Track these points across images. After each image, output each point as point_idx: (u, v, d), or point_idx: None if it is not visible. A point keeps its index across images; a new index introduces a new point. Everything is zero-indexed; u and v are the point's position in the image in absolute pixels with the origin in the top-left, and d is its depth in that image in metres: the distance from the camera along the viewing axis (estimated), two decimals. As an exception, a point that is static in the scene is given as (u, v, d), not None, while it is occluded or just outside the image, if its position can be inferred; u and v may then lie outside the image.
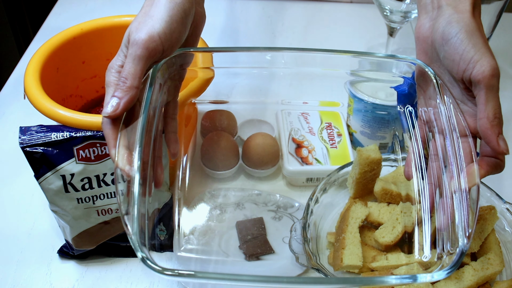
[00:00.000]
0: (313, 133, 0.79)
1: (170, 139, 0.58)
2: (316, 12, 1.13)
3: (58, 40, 0.72)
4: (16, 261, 0.66)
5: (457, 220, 0.48)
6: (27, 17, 1.49)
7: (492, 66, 0.49)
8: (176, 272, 0.44)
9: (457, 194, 0.49)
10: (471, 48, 0.50)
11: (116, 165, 0.48)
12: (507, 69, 0.97)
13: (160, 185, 0.55)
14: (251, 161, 0.75)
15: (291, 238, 0.62)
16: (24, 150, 0.57)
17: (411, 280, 0.45)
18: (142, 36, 0.50)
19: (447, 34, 0.51)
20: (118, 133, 0.49)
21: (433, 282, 0.58)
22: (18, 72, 0.95)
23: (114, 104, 0.49)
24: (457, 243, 0.47)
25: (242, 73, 0.69)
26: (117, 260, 0.66)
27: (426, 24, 0.54)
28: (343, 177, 0.69)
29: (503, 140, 0.49)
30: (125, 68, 0.50)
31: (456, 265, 0.45)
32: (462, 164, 0.50)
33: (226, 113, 0.79)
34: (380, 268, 0.60)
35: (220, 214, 0.70)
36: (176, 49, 0.55)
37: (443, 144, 0.53)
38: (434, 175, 0.55)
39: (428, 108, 0.56)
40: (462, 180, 0.49)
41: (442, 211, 0.52)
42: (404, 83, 0.61)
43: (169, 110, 0.58)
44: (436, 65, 0.55)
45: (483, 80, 0.49)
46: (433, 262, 0.55)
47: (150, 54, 0.50)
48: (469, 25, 0.51)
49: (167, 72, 0.56)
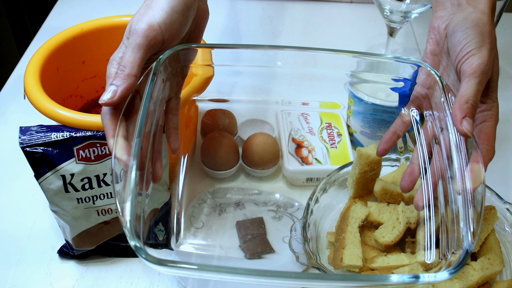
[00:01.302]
0: (313, 133, 0.79)
1: (170, 134, 0.57)
2: (316, 12, 1.13)
3: (58, 40, 0.72)
4: (16, 261, 0.66)
5: (461, 219, 0.47)
6: (27, 17, 1.49)
7: (482, 61, 0.50)
8: (172, 263, 0.42)
9: (461, 193, 0.48)
10: (473, 43, 0.51)
11: (114, 155, 0.47)
12: (507, 69, 0.97)
13: (158, 180, 0.54)
14: (251, 161, 0.75)
15: (291, 237, 0.62)
16: (24, 150, 0.56)
17: (413, 279, 0.43)
18: (142, 26, 0.50)
19: (458, 27, 0.53)
20: (117, 124, 0.49)
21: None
22: (18, 72, 0.95)
23: (111, 91, 0.49)
24: (462, 242, 0.45)
25: (243, 72, 0.69)
26: (117, 260, 0.66)
27: (444, 17, 0.55)
28: (343, 177, 0.69)
29: (468, 122, 0.49)
30: (124, 57, 0.50)
31: (460, 265, 0.44)
32: (466, 163, 0.49)
33: (227, 113, 0.79)
34: (380, 269, 0.60)
35: (220, 214, 0.70)
36: (177, 40, 0.54)
37: (447, 144, 0.53)
38: (437, 174, 0.55)
39: (433, 112, 0.56)
40: (467, 179, 0.48)
41: (446, 212, 0.52)
42: (406, 85, 0.61)
43: (171, 106, 0.58)
44: (444, 56, 0.56)
45: (466, 71, 0.50)
46: (436, 262, 0.55)
47: (150, 43, 0.50)
48: (482, 26, 0.52)
49: (170, 68, 0.56)
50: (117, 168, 0.47)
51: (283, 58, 0.61)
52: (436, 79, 0.55)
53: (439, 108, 0.55)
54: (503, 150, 0.82)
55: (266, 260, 0.65)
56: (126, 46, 0.51)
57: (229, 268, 0.43)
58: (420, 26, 1.09)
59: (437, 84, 0.55)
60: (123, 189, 0.45)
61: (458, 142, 0.50)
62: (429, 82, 0.57)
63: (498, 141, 0.53)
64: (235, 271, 0.43)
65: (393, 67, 0.60)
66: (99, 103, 0.49)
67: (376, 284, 0.45)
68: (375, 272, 0.60)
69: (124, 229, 0.43)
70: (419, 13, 0.84)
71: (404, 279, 0.43)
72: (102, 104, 0.49)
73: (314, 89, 0.76)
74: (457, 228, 0.48)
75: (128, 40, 0.51)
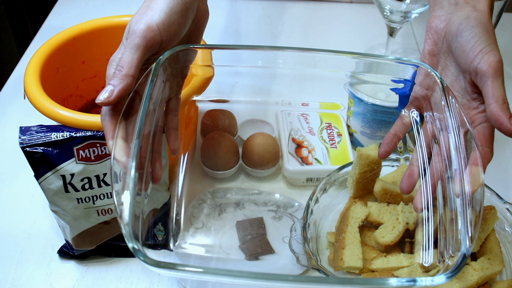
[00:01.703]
0: (313, 133, 0.79)
1: (170, 135, 0.57)
2: (316, 12, 1.13)
3: (58, 40, 0.72)
4: (16, 261, 0.66)
5: (460, 222, 0.47)
6: (27, 17, 1.49)
7: (499, 59, 0.50)
8: (169, 265, 0.42)
9: (459, 196, 0.48)
10: (483, 41, 0.51)
11: (113, 156, 0.47)
12: (507, 69, 0.97)
13: (157, 181, 0.54)
14: (251, 161, 0.75)
15: (291, 238, 0.62)
16: (24, 150, 0.56)
17: (411, 283, 0.44)
18: (140, 26, 0.50)
19: (463, 26, 0.53)
20: (117, 125, 0.49)
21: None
22: (18, 72, 0.95)
23: (108, 91, 0.49)
24: (460, 246, 0.45)
25: (243, 72, 0.69)
26: (117, 260, 0.66)
27: (442, 17, 0.56)
28: (343, 177, 0.69)
29: None
30: (122, 58, 0.50)
31: (458, 269, 0.44)
32: (465, 165, 0.49)
33: (227, 113, 0.79)
34: (380, 270, 0.60)
35: (220, 214, 0.70)
36: (176, 41, 0.54)
37: (447, 145, 0.53)
38: (437, 176, 0.55)
39: (433, 113, 0.56)
40: (466, 182, 0.48)
41: (444, 212, 0.52)
42: (406, 85, 0.61)
43: (171, 107, 0.58)
44: (443, 56, 0.56)
45: (489, 70, 0.50)
46: (434, 264, 0.55)
47: (148, 43, 0.50)
48: (485, 24, 0.53)
49: (169, 69, 0.56)
50: (116, 168, 0.47)
51: (283, 59, 0.61)
52: (436, 80, 0.54)
53: (438, 109, 0.54)
54: (503, 150, 0.82)
55: (266, 261, 0.65)
56: (125, 47, 0.51)
57: (227, 271, 0.43)
58: (420, 26, 1.09)
59: (436, 85, 0.54)
60: (122, 190, 0.45)
61: (457, 143, 0.50)
62: (428, 83, 0.57)
63: (498, 141, 0.53)
64: (232, 273, 0.43)
65: (393, 68, 0.60)
66: (96, 103, 0.49)
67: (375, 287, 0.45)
68: (375, 274, 0.60)
69: (122, 231, 0.43)
70: (419, 13, 0.84)
71: (402, 283, 0.43)
72: (99, 104, 0.49)
73: (314, 89, 0.76)
74: (456, 229, 0.48)
75: (127, 40, 0.51)
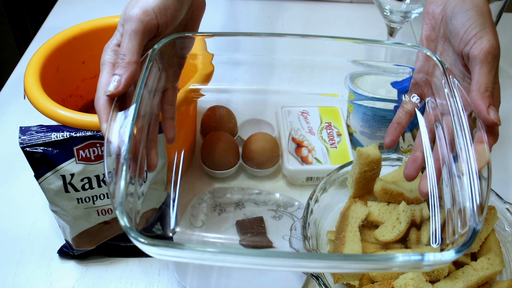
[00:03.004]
0: (313, 133, 0.79)
1: (166, 124, 0.57)
2: (316, 12, 1.13)
3: (58, 40, 0.72)
4: (16, 261, 0.66)
5: (467, 199, 0.44)
6: (27, 17, 1.49)
7: (492, 44, 0.49)
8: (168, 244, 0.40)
9: (465, 174, 0.46)
10: (477, 25, 0.50)
11: (107, 139, 0.46)
12: (507, 69, 0.97)
13: (153, 169, 0.54)
14: (251, 160, 0.75)
15: (291, 236, 0.62)
16: (24, 150, 0.57)
17: (418, 257, 0.41)
18: (136, 11, 0.50)
19: (458, 9, 0.52)
20: (111, 109, 0.48)
21: (434, 281, 0.57)
22: (18, 72, 0.95)
23: (116, 81, 0.48)
24: (469, 222, 0.43)
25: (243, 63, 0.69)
26: (117, 260, 0.66)
27: (438, 1, 0.55)
28: (343, 176, 0.69)
29: (494, 110, 0.49)
30: (122, 45, 0.50)
31: (468, 243, 0.41)
32: (471, 144, 0.48)
33: (227, 113, 0.79)
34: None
35: (220, 213, 0.70)
36: (172, 27, 0.54)
37: (450, 128, 0.51)
38: (442, 159, 0.54)
39: (435, 98, 0.56)
40: (472, 159, 0.47)
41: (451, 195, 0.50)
42: (405, 80, 0.61)
43: (168, 97, 0.57)
44: (441, 41, 0.55)
45: (478, 56, 0.49)
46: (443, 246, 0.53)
47: (145, 28, 0.50)
48: (482, 7, 0.51)
49: (166, 58, 0.55)
50: (110, 150, 0.46)
51: (283, 46, 0.61)
52: (436, 63, 0.54)
53: (440, 92, 0.54)
54: (503, 150, 0.82)
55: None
56: (122, 34, 0.50)
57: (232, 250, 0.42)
58: (420, 26, 1.09)
59: (437, 68, 0.54)
60: (115, 171, 0.45)
61: (462, 123, 0.49)
62: (428, 68, 0.56)
63: (498, 141, 0.53)
64: (229, 251, 0.42)
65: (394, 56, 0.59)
66: (106, 95, 0.48)
67: (380, 265, 0.43)
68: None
69: (115, 211, 0.42)
70: (419, 13, 0.84)
71: (409, 258, 0.41)
72: (108, 96, 0.48)
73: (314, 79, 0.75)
74: (464, 209, 0.46)
75: (124, 27, 0.50)
